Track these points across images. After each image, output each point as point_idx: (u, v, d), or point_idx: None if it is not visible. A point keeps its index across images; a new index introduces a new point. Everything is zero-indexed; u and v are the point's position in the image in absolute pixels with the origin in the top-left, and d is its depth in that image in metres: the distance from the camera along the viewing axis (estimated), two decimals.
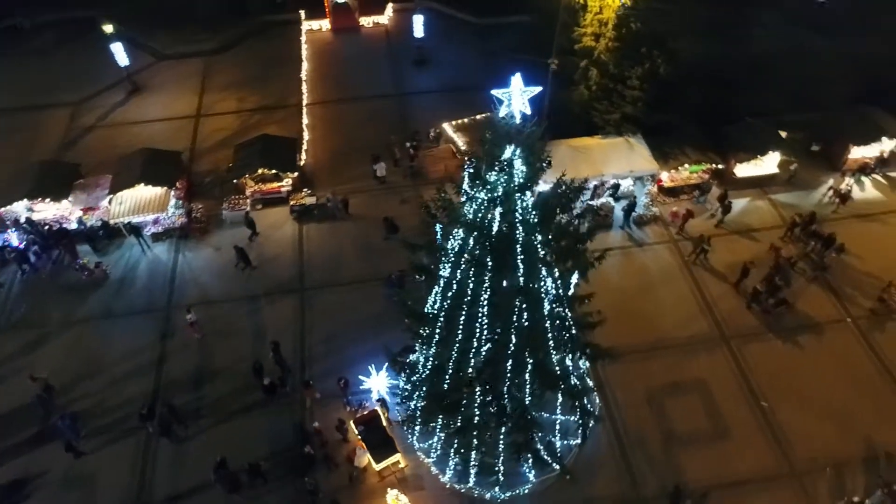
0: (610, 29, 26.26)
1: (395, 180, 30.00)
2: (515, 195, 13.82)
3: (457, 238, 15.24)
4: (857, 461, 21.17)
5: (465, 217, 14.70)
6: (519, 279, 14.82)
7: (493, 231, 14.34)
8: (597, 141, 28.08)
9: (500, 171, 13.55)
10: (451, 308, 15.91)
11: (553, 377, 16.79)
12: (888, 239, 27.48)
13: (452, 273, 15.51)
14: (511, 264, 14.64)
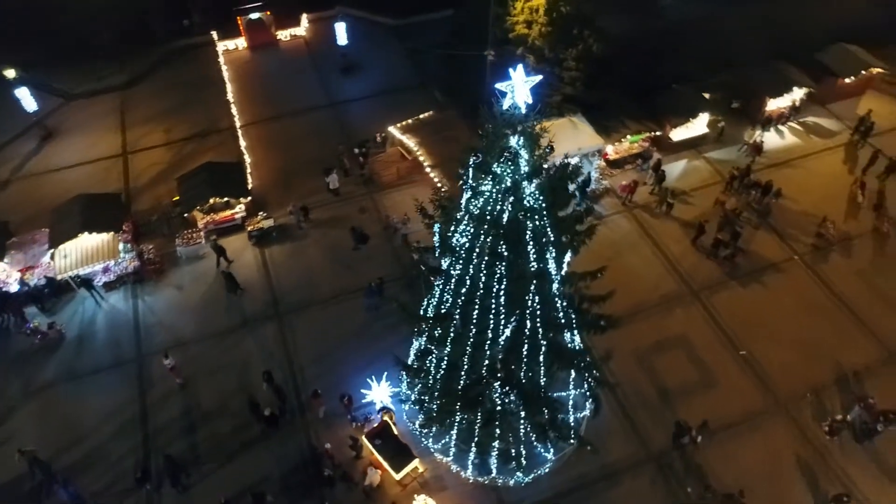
0: (541, 15, 27.03)
1: (349, 190, 29.66)
2: (524, 182, 14.14)
3: (465, 233, 15.41)
4: (831, 383, 23.10)
5: (474, 211, 14.88)
6: (531, 264, 15.19)
7: (503, 220, 14.61)
8: (543, 123, 28.83)
9: (508, 161, 13.84)
10: (465, 303, 16.07)
11: (568, 354, 17.30)
12: (813, 179, 29.96)
13: (465, 268, 15.66)
14: (523, 250, 14.98)
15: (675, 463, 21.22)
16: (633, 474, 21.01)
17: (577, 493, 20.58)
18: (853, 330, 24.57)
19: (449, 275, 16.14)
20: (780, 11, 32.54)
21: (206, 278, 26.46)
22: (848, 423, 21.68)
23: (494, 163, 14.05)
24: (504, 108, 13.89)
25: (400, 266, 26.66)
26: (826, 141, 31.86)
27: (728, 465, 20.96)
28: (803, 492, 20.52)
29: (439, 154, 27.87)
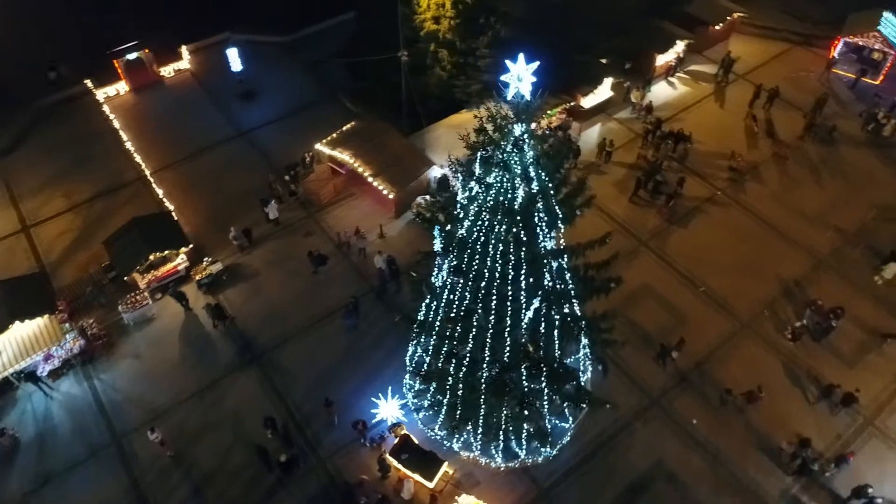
0: (448, 9, 27.55)
1: (289, 217, 28.68)
2: (532, 167, 14.56)
3: (475, 227, 15.57)
4: (780, 296, 25.69)
5: (487, 202, 15.09)
6: (543, 243, 15.69)
7: (516, 207, 14.97)
8: (468, 115, 29.45)
9: (516, 149, 14.20)
10: (485, 295, 16.29)
11: (579, 323, 18.03)
12: (711, 120, 32.83)
13: (482, 261, 15.86)
14: (537, 232, 15.43)
15: (674, 402, 22.76)
16: (643, 421, 22.28)
17: (601, 453, 21.56)
18: (783, 246, 27.41)
19: (466, 271, 16.24)
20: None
21: (165, 339, 24.68)
22: (805, 327, 24.28)
23: (506, 152, 14.31)
24: (509, 98, 14.11)
25: (364, 280, 26.29)
26: (711, 85, 35.00)
27: (717, 388, 22.80)
28: (788, 392, 22.84)
29: (378, 161, 27.64)
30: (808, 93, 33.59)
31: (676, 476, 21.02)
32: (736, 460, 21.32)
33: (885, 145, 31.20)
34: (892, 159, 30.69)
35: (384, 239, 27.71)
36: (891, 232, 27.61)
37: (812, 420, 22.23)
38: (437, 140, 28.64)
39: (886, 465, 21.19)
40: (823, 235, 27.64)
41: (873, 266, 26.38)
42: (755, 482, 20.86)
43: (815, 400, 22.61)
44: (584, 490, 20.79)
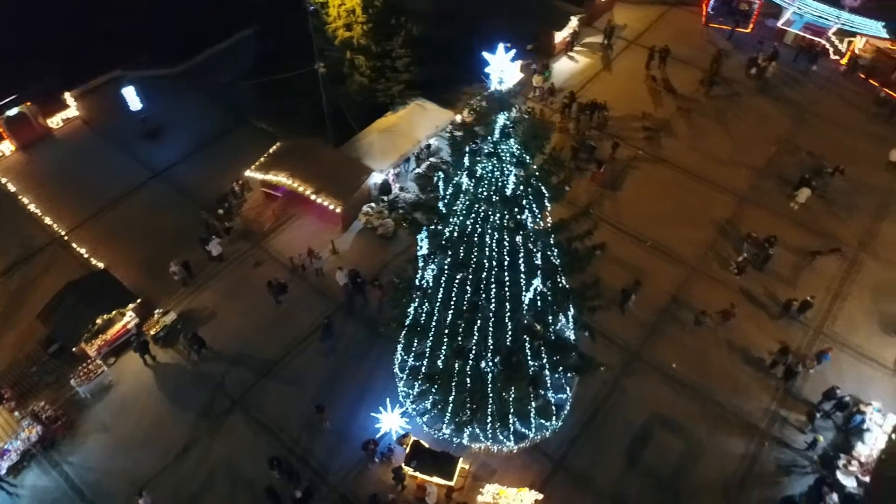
0: (359, 14, 27.30)
1: (233, 251, 27.42)
2: (520, 153, 14.90)
3: (468, 221, 15.72)
4: (717, 236, 27.74)
5: (480, 194, 15.27)
6: (534, 224, 16.13)
7: (507, 193, 15.28)
8: (395, 116, 29.46)
9: (504, 137, 14.48)
10: (486, 285, 16.50)
11: (569, 294, 18.64)
12: (615, 87, 34.59)
13: (480, 253, 16.05)
14: (528, 213, 15.84)
15: (652, 351, 24.09)
16: (628, 375, 23.45)
17: (599, 415, 22.48)
18: (708, 190, 29.58)
19: (467, 264, 16.36)
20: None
21: (131, 404, 23.00)
22: (747, 260, 26.41)
23: (496, 142, 14.55)
24: (493, 89, 14.35)
25: (329, 299, 25.72)
26: (607, 53, 36.95)
27: (681, 323, 24.54)
28: (751, 315, 24.96)
29: (317, 177, 27.01)
30: (696, 49, 36.29)
31: (671, 420, 22.32)
32: (718, 393, 22.94)
33: (770, 87, 34.31)
34: (779, 98, 33.79)
35: (338, 254, 27.20)
36: (793, 161, 30.51)
37: (782, 332, 24.34)
38: (370, 146, 28.39)
39: (842, 366, 23.55)
40: (739, 175, 30.10)
41: (787, 194, 29.05)
42: (740, 408, 22.57)
43: (778, 315, 24.78)
44: (593, 453, 21.61)
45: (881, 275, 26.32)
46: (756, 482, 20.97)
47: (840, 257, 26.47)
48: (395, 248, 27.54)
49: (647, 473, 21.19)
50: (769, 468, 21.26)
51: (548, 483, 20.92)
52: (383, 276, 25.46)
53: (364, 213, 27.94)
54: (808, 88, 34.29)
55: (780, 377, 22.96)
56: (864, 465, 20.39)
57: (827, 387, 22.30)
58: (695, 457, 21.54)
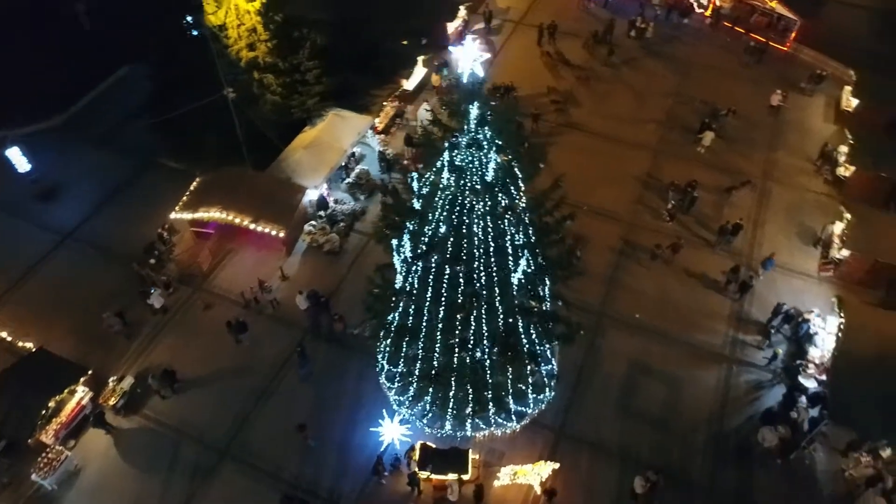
0: (261, 32, 26.41)
1: (176, 299, 25.85)
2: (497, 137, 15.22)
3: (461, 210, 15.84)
4: (643, 191, 29.56)
5: (463, 186, 15.43)
6: (517, 203, 16.55)
7: (488, 179, 15.57)
8: (315, 130, 28.84)
9: (481, 125, 14.73)
10: (478, 274, 16.74)
11: (549, 267, 19.23)
12: (516, 67, 35.70)
13: (469, 244, 16.25)
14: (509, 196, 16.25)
15: (614, 305, 25.40)
16: (599, 334, 24.59)
17: (583, 378, 23.46)
18: (623, 149, 31.37)
19: (456, 260, 16.49)
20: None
21: (106, 483, 21.25)
22: (675, 206, 28.38)
23: (475, 131, 14.75)
24: (465, 80, 14.52)
25: (293, 327, 24.94)
26: (502, 37, 38.01)
27: (635, 274, 26.23)
28: (693, 249, 27.00)
29: (252, 205, 25.95)
30: (578, 21, 38.18)
31: (648, 366, 23.71)
32: (683, 332, 24.60)
33: (652, 44, 36.83)
34: (662, 56, 36.27)
35: (289, 280, 26.38)
36: (689, 110, 32.99)
37: (723, 261, 26.42)
38: (298, 164, 27.65)
39: (777, 284, 25.96)
40: (646, 130, 32.19)
41: (692, 140, 31.43)
42: (704, 342, 24.37)
43: (715, 243, 27.08)
44: (588, 414, 22.56)
45: (787, 197, 29.21)
46: (735, 404, 22.79)
47: (752, 188, 29.09)
48: (346, 261, 27.12)
49: (640, 419, 22.43)
50: (742, 389, 23.17)
51: (555, 452, 21.63)
52: (339, 304, 25.02)
53: (307, 233, 27.26)
54: (684, 43, 37.12)
55: (735, 295, 25.15)
56: (819, 365, 22.71)
57: (771, 306, 24.60)
58: (677, 394, 23.06)
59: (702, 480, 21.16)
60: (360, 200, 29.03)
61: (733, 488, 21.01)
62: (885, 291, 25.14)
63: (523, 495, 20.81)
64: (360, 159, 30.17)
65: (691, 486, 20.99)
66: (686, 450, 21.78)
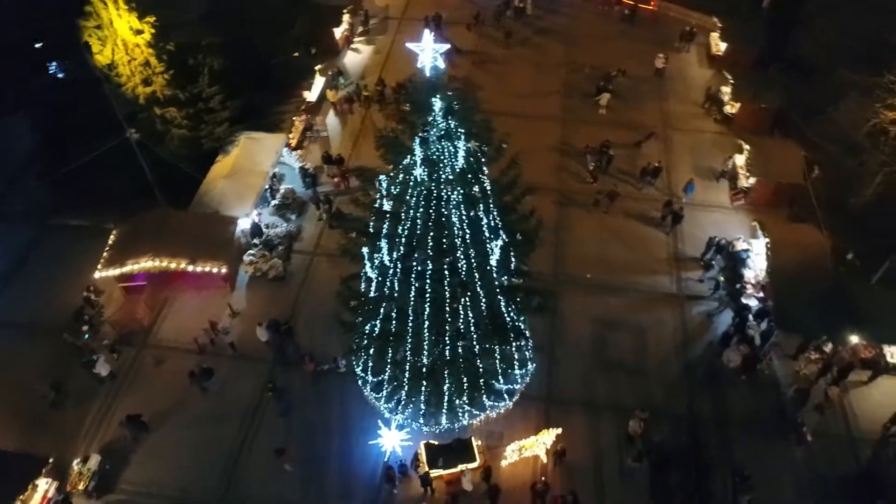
0: (155, 65, 24.84)
1: (122, 362, 23.93)
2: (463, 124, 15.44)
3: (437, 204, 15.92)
4: (561, 157, 31.02)
5: (437, 179, 15.52)
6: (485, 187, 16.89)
7: (459, 168, 15.78)
8: (231, 157, 27.59)
9: (448, 116, 14.88)
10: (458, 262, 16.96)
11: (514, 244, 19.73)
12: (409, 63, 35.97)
13: (450, 234, 16.41)
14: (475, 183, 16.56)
15: (566, 270, 26.50)
16: (558, 300, 25.42)
17: (556, 343, 24.32)
18: (533, 124, 32.34)
19: (444, 253, 16.59)
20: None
21: None
22: (595, 168, 29.95)
23: (443, 123, 14.87)
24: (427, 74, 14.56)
25: (257, 361, 23.94)
26: (389, 36, 38.02)
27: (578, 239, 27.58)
28: (624, 196, 28.93)
29: (185, 246, 24.44)
30: (457, 8, 38.99)
31: (610, 320, 25.01)
32: (632, 281, 26.16)
33: (534, 21, 38.36)
34: (545, 29, 37.88)
35: (240, 315, 25.24)
36: (583, 77, 34.79)
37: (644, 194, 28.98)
38: (222, 195, 26.37)
39: (700, 220, 28.11)
40: (548, 102, 33.63)
41: (592, 104, 33.24)
42: (653, 286, 26.08)
43: (641, 185, 29.30)
44: (569, 377, 23.48)
45: (687, 141, 31.70)
46: (694, 336, 24.63)
47: (656, 138, 31.27)
48: (294, 283, 26.34)
49: (616, 369, 23.67)
50: (697, 321, 25.06)
51: (549, 419, 22.32)
52: (299, 328, 24.44)
53: (247, 263, 26.15)
54: (563, 14, 38.96)
55: (669, 227, 27.33)
56: (756, 284, 25.04)
57: (700, 242, 26.77)
58: (642, 339, 24.54)
59: (682, 409, 22.73)
60: (293, 220, 28.25)
61: (710, 410, 22.74)
62: (789, 209, 28.02)
63: (531, 467, 21.40)
64: (281, 179, 29.27)
65: (675, 416, 22.46)
66: (663, 386, 23.27)
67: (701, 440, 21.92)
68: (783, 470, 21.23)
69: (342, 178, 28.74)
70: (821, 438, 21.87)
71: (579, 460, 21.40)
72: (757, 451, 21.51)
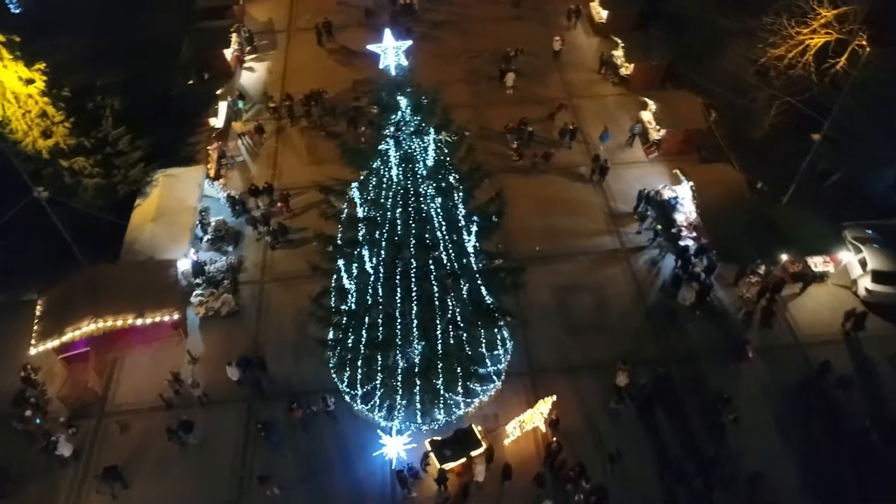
0: (53, 114, 22.84)
1: (82, 436, 22.03)
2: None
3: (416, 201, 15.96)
4: (485, 142, 31.16)
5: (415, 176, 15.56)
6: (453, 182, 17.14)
7: (428, 162, 15.92)
8: (153, 198, 25.97)
9: (416, 112, 14.96)
10: None
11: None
12: (310, 71, 35.16)
13: (432, 229, 16.52)
14: None
15: (518, 247, 27.18)
16: None
17: (524, 318, 24.70)
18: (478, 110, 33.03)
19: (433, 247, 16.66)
20: None
21: None
22: (518, 145, 30.87)
23: (413, 120, 14.90)
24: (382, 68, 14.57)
25: (235, 403, 22.90)
26: (281, 50, 37.06)
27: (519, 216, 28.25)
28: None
29: (127, 300, 22.76)
30: (340, 12, 38.64)
31: (568, 284, 26.06)
32: (578, 244, 27.35)
33: (425, 14, 38.69)
34: (437, 21, 38.31)
35: (199, 360, 23.95)
36: (483, 61, 35.67)
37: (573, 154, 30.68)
38: (153, 238, 24.76)
39: (625, 177, 29.83)
40: (456, 90, 34.06)
41: (499, 85, 34.20)
42: (598, 246, 27.42)
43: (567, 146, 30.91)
44: (545, 345, 24.27)
45: (594, 106, 33.41)
46: (648, 286, 26.18)
47: (566, 109, 32.68)
48: (250, 315, 25.36)
49: (586, 330, 24.73)
50: (645, 270, 26.67)
51: (538, 390, 22.98)
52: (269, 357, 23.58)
53: (198, 305, 24.83)
54: (450, 4, 39.62)
55: (599, 180, 29.26)
56: (689, 225, 27.00)
57: (628, 198, 28.53)
58: (602, 297, 25.79)
59: (654, 353, 24.17)
60: (231, 252, 27.09)
61: (678, 348, 24.33)
62: (698, 153, 30.38)
63: (534, 440, 22.02)
64: (209, 212, 27.94)
65: (649, 361, 23.79)
66: (630, 336, 24.58)
67: (675, 376, 23.45)
68: (751, 386, 23.17)
69: (284, 204, 27.94)
70: (771, 351, 24.11)
71: (573, 423, 22.17)
72: (726, 375, 23.35)
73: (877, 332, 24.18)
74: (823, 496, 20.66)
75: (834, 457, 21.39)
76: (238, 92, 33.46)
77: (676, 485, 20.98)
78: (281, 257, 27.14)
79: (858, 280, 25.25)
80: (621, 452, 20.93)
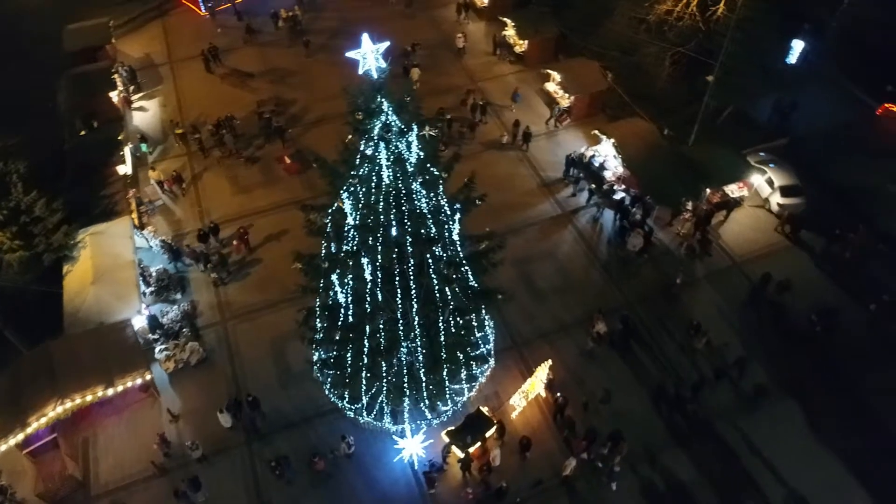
0: None
1: None
2: None
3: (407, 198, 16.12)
4: None
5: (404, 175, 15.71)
6: None
7: (412, 160, 16.13)
8: (85, 261, 23.98)
9: (398, 111, 15.10)
10: None
11: None
12: (209, 100, 33.78)
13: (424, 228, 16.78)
14: None
15: None
16: None
17: None
18: None
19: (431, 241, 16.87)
20: None
21: None
22: (440, 133, 31.45)
23: (398, 119, 15.02)
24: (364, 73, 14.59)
25: (235, 450, 21.92)
26: (168, 82, 35.18)
27: None
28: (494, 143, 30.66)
29: (89, 374, 20.95)
30: (223, 35, 37.39)
31: (525, 256, 27.06)
32: (523, 218, 28.50)
33: (310, 25, 38.19)
34: (324, 29, 37.97)
35: (181, 417, 22.63)
36: None
37: (490, 129, 32.21)
38: (97, 303, 22.88)
39: (540, 147, 31.39)
40: None
41: (405, 81, 34.31)
42: (541, 215, 28.76)
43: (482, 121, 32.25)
44: (521, 318, 25.26)
45: (499, 86, 34.64)
46: (594, 240, 27.91)
47: (476, 93, 33.67)
48: (222, 358, 24.27)
49: (553, 294, 26.06)
50: (590, 227, 28.36)
51: (528, 359, 23.92)
52: None
53: (165, 360, 23.38)
54: (333, 10, 39.47)
55: (524, 146, 30.82)
56: (619, 178, 28.94)
57: (555, 165, 30.14)
58: (558, 261, 27.20)
59: (619, 298, 25.87)
60: (180, 299, 25.67)
61: (636, 291, 26.17)
62: (604, 113, 32.56)
63: (538, 409, 22.93)
64: (141, 262, 26.23)
65: (617, 309, 25.34)
66: (595, 289, 26.16)
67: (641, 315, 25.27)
68: (709, 308, 25.47)
69: (240, 240, 26.84)
70: (716, 275, 26.61)
71: (565, 381, 23.32)
72: (685, 306, 25.49)
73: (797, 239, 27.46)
74: (787, 385, 23.25)
75: (791, 351, 24.12)
76: (139, 135, 31.50)
77: (672, 411, 22.78)
78: (235, 292, 26.09)
79: (770, 198, 28.36)
80: (609, 392, 22.51)
